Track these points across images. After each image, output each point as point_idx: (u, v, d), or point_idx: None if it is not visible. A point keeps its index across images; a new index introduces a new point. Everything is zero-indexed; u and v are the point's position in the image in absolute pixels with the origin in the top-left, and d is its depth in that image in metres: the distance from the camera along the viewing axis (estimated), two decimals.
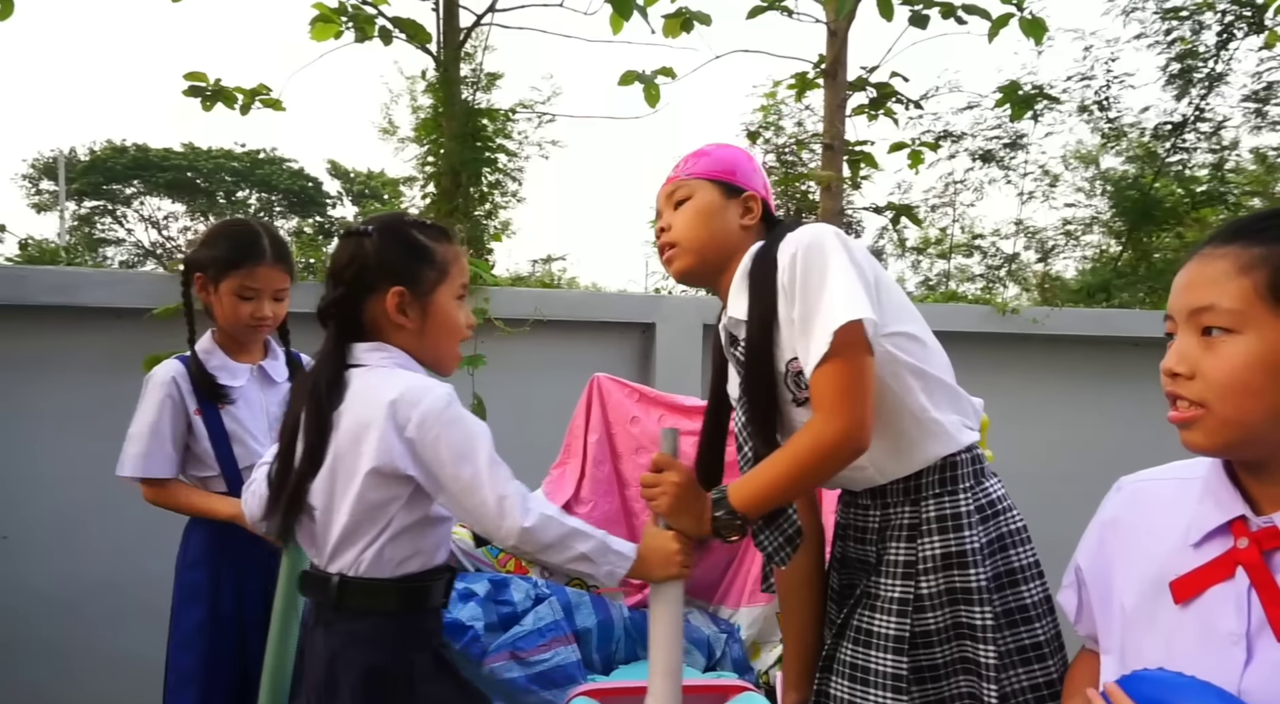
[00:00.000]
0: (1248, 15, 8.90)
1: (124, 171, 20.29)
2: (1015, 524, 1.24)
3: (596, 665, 1.82)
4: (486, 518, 1.17)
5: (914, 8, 3.80)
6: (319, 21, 3.82)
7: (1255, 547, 0.84)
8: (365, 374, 1.22)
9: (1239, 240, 0.84)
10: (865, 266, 1.17)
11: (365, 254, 1.25)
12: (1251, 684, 0.81)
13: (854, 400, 1.11)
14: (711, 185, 1.33)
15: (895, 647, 1.18)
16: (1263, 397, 0.81)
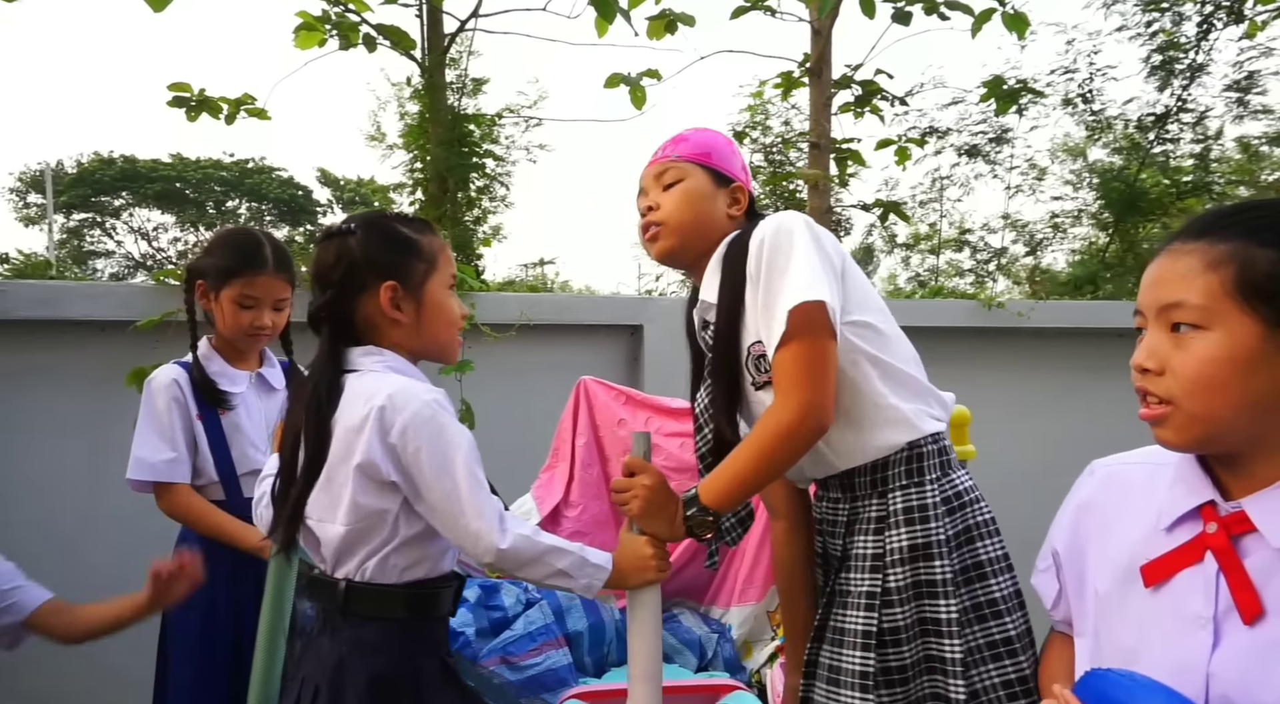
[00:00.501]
0: (1227, 5, 8.96)
1: (112, 183, 20.22)
2: (983, 516, 1.23)
3: (589, 668, 1.82)
4: (463, 535, 1.16)
5: (896, 5, 3.82)
6: (303, 30, 3.81)
7: (1224, 531, 0.85)
8: (357, 379, 1.21)
9: (1206, 236, 0.84)
10: (832, 254, 1.18)
11: (351, 253, 1.23)
12: (1219, 667, 0.82)
13: (813, 380, 1.12)
14: (703, 171, 1.34)
15: (864, 643, 1.17)
16: (1229, 392, 0.82)
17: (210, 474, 1.75)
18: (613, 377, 2.56)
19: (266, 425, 1.81)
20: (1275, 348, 0.80)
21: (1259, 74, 10.04)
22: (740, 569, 2.02)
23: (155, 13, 2.85)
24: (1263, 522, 0.82)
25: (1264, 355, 0.80)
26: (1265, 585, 0.81)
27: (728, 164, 1.36)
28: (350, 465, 1.16)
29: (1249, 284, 0.81)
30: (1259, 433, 0.83)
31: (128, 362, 2.39)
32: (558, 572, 1.19)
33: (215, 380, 1.75)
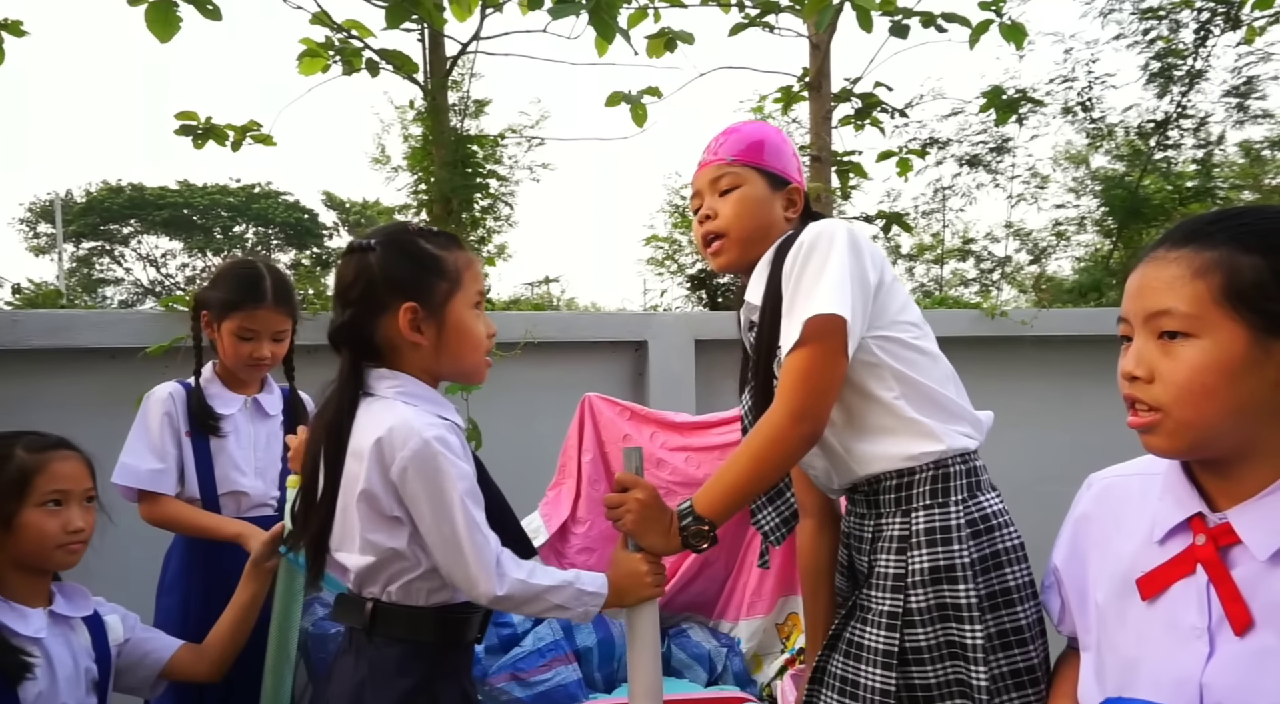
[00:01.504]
0: (1224, 12, 9.00)
1: (120, 211, 20.42)
2: (1010, 542, 1.19)
3: (599, 684, 1.82)
4: (460, 579, 1.14)
5: (894, 18, 3.85)
6: (307, 56, 3.87)
7: (1211, 543, 0.85)
8: (368, 406, 1.17)
9: (1192, 243, 0.84)
10: (868, 268, 1.17)
11: (371, 270, 1.18)
12: (1213, 677, 0.82)
13: (810, 389, 1.12)
14: (759, 176, 1.31)
15: (884, 662, 1.16)
16: (1218, 398, 0.82)
17: (192, 491, 1.79)
18: (617, 393, 2.57)
19: (255, 450, 1.85)
20: (1262, 354, 0.81)
21: (1258, 79, 10.06)
22: (748, 583, 2.02)
23: (162, 43, 2.90)
24: (1247, 533, 0.83)
25: (1251, 362, 0.81)
26: (1253, 595, 0.81)
27: (784, 165, 1.33)
28: (354, 496, 1.14)
29: (1236, 291, 0.81)
30: (1245, 440, 0.84)
31: (138, 387, 2.39)
32: (554, 606, 1.19)
33: (210, 403, 1.80)
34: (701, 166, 1.35)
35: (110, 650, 1.38)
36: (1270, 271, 0.80)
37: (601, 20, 3.20)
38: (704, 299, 12.72)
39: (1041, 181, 12.19)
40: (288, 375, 1.95)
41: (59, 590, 1.34)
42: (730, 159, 1.32)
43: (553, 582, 1.18)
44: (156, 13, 2.81)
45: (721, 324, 3.22)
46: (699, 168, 1.36)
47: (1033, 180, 12.08)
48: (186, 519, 1.76)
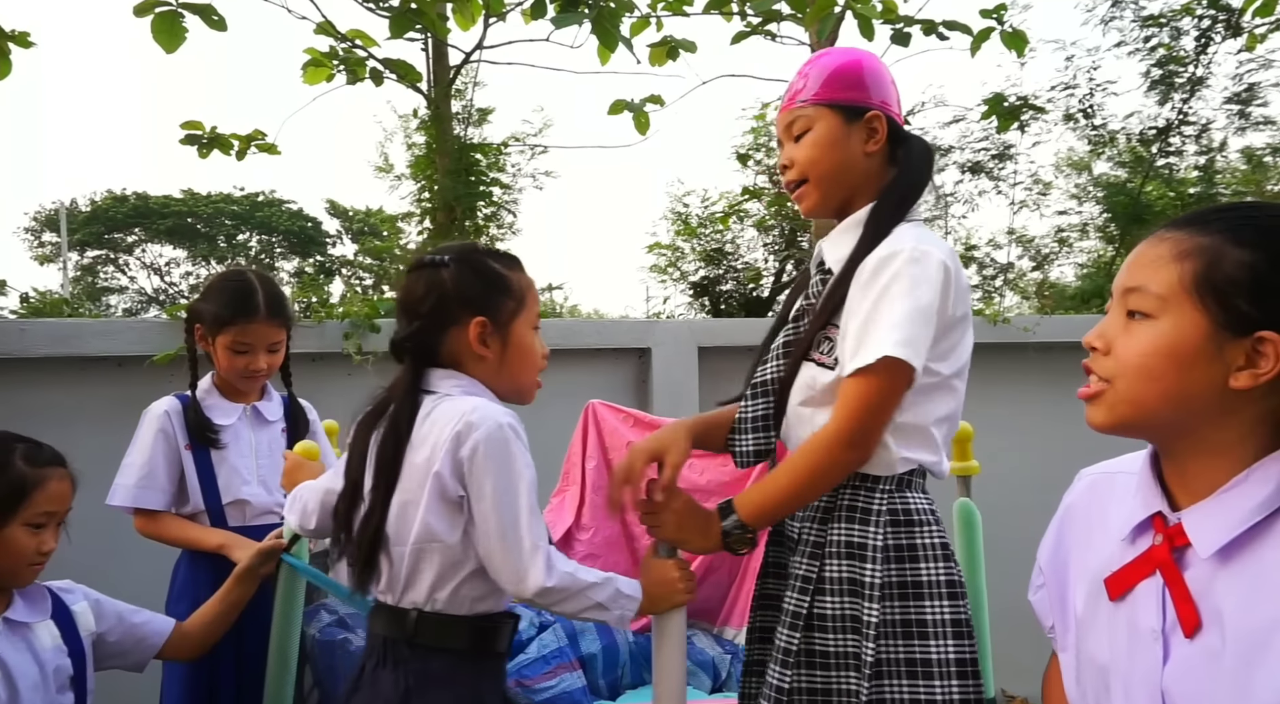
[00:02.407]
0: (1224, 19, 9.02)
1: (125, 220, 20.52)
2: (931, 539, 1.20)
3: (603, 691, 1.82)
4: (509, 566, 1.14)
5: (895, 26, 3.87)
6: (311, 66, 3.90)
7: (1167, 543, 0.83)
8: (438, 401, 1.21)
9: (1190, 226, 0.83)
10: (949, 308, 1.17)
11: (443, 285, 1.23)
12: (1169, 682, 0.80)
13: (867, 422, 1.14)
14: (830, 112, 1.25)
15: (791, 623, 1.20)
16: (1161, 382, 0.81)
17: (197, 503, 1.80)
18: (621, 400, 2.58)
19: (257, 458, 1.86)
20: (1215, 351, 0.79)
21: (1259, 86, 10.08)
22: (752, 590, 2.02)
23: (167, 53, 2.93)
24: (1195, 534, 0.81)
25: (1205, 354, 0.79)
26: (1203, 597, 0.80)
27: (860, 93, 1.26)
28: (426, 483, 1.16)
29: (1209, 282, 0.79)
30: (1191, 432, 0.82)
31: (145, 396, 2.40)
32: (595, 605, 1.18)
33: (209, 415, 1.82)
34: (780, 112, 1.32)
35: (83, 642, 1.35)
36: (1250, 269, 0.78)
37: (604, 29, 3.23)
38: (706, 307, 12.73)
39: (1044, 188, 12.20)
40: (285, 382, 1.97)
41: (17, 595, 1.30)
42: (801, 102, 1.27)
43: (595, 579, 1.19)
44: (162, 23, 2.84)
45: (724, 331, 3.22)
46: (779, 113, 1.33)
47: (1035, 187, 12.09)
48: (175, 533, 1.79)
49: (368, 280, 20.73)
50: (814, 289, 1.33)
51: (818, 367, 1.24)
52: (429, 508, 1.16)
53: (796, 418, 1.27)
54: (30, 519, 1.28)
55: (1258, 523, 0.78)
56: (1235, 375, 0.79)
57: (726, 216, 10.97)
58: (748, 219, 11.49)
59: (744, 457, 1.32)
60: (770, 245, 12.58)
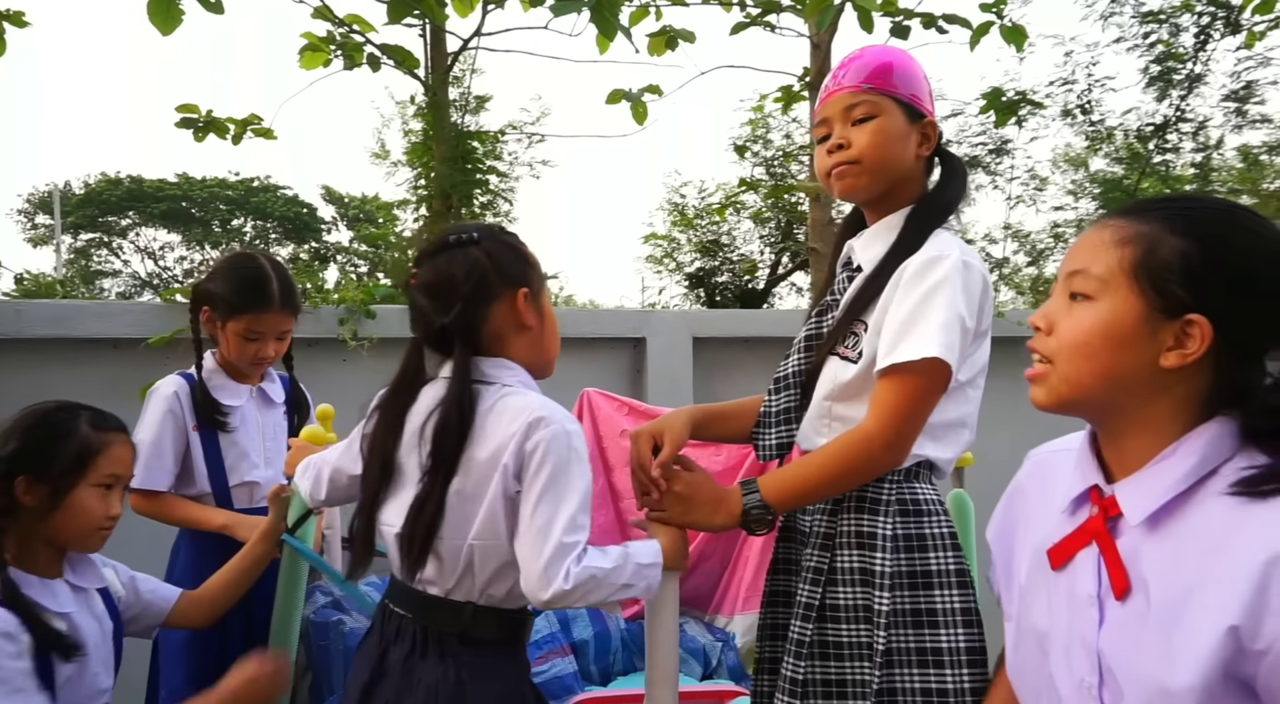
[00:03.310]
0: (1224, 16, 9.02)
1: (119, 203, 20.40)
2: (938, 528, 1.22)
3: (594, 677, 1.83)
4: (532, 568, 1.12)
5: (895, 19, 3.86)
6: (308, 50, 3.88)
7: (1102, 514, 0.88)
8: (499, 394, 1.19)
9: (1130, 216, 0.88)
10: (981, 322, 1.19)
11: (482, 262, 1.21)
12: (1105, 644, 0.85)
13: (906, 424, 1.15)
14: (896, 107, 1.25)
15: (804, 615, 1.21)
16: (1098, 360, 0.85)
17: (203, 485, 1.79)
18: (616, 389, 2.58)
19: (264, 439, 1.86)
20: (1149, 332, 0.83)
21: (1257, 83, 10.10)
22: (744, 578, 2.04)
23: (163, 35, 2.91)
24: (1125, 503, 0.86)
25: (1138, 335, 0.84)
26: (1133, 562, 0.85)
27: (920, 94, 1.27)
28: (493, 479, 1.15)
29: (1145, 267, 0.84)
30: (1127, 411, 0.87)
31: (139, 378, 2.41)
32: (620, 587, 1.16)
33: (216, 396, 1.81)
34: (831, 93, 1.29)
35: (117, 609, 1.39)
36: (1183, 257, 0.82)
37: (603, 18, 3.22)
38: (702, 297, 12.75)
39: (1040, 184, 12.23)
40: (287, 365, 1.97)
41: (68, 562, 1.34)
42: (866, 86, 1.25)
43: (613, 563, 1.16)
44: (158, 4, 2.82)
45: (719, 322, 3.23)
46: (827, 94, 1.29)
47: (1032, 182, 12.13)
48: (178, 513, 1.78)
49: (363, 267, 20.69)
50: (839, 286, 1.34)
51: (841, 361, 1.25)
52: (492, 505, 1.15)
53: (818, 411, 1.28)
54: (97, 481, 1.31)
55: (1182, 493, 0.83)
56: (1165, 355, 0.83)
57: (723, 208, 10.98)
58: (744, 211, 11.50)
59: (767, 450, 1.33)
60: (766, 237, 12.59)
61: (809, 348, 1.31)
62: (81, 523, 1.29)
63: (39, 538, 1.28)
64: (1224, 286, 0.82)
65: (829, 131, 1.29)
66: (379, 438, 1.24)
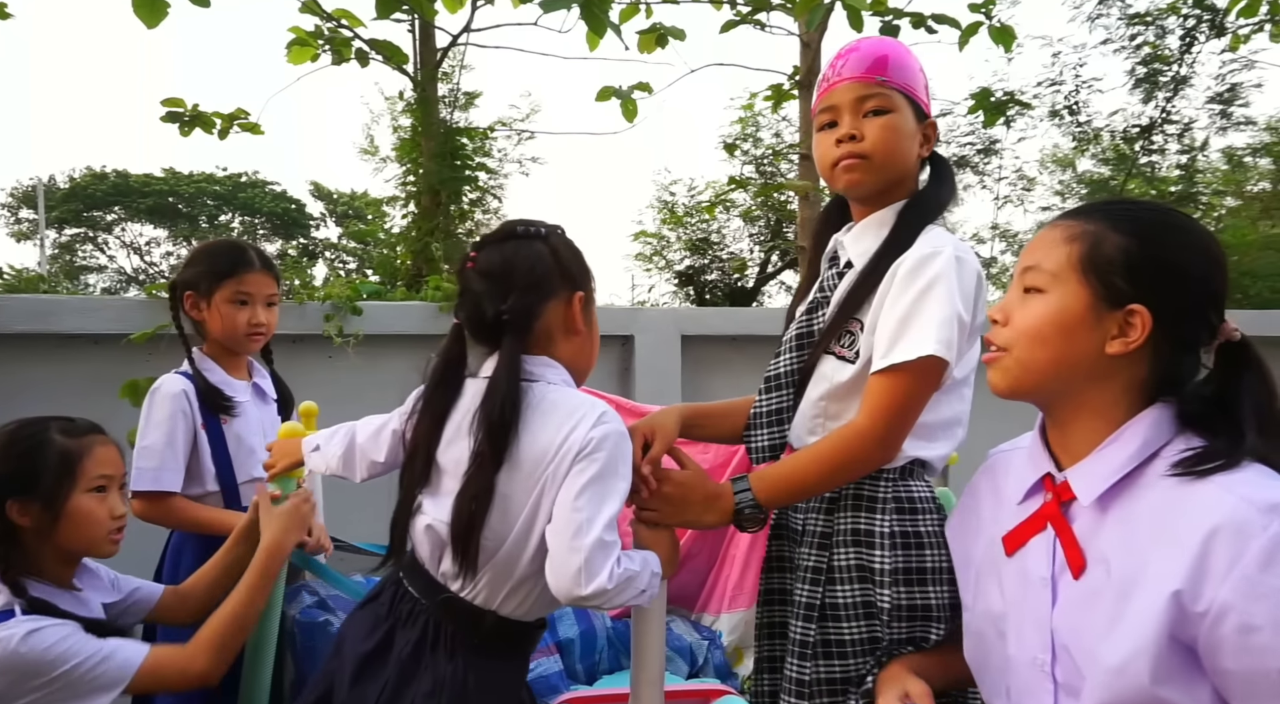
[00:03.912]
0: (1209, 19, 9.09)
1: (104, 198, 20.22)
2: (931, 526, 1.22)
3: (580, 676, 1.83)
4: (572, 565, 1.07)
5: (884, 18, 3.87)
6: (296, 45, 3.85)
7: (1055, 499, 0.95)
8: (546, 390, 1.16)
9: (1078, 216, 0.96)
10: (976, 317, 1.19)
11: (546, 258, 1.19)
12: (1058, 622, 0.92)
13: (899, 421, 1.15)
14: (908, 104, 1.25)
15: (805, 615, 1.21)
16: (1050, 347, 0.93)
17: (210, 484, 1.76)
18: (604, 386, 2.58)
19: (265, 435, 1.83)
20: (1095, 321, 0.91)
21: (1241, 86, 10.20)
22: (730, 576, 2.04)
23: (149, 29, 2.88)
24: (1077, 486, 0.93)
25: (1086, 323, 0.91)
26: (1088, 542, 0.91)
27: (925, 97, 1.28)
28: (541, 477, 1.12)
29: (1091, 260, 0.92)
30: (1075, 396, 0.94)
31: (122, 374, 2.40)
32: (639, 593, 1.13)
33: (219, 387, 1.77)
34: (842, 80, 1.25)
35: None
36: (1124, 251, 0.91)
37: (593, 15, 3.20)
38: (691, 295, 12.75)
39: (1028, 184, 12.31)
40: (267, 359, 1.95)
41: (75, 576, 1.33)
42: (880, 78, 1.24)
43: (638, 567, 1.13)
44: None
45: (708, 320, 3.23)
46: (837, 81, 1.26)
47: (1019, 182, 12.19)
48: (189, 515, 1.71)
49: (351, 264, 20.58)
50: (829, 282, 1.32)
51: (838, 360, 1.24)
52: (535, 506, 1.12)
53: (812, 410, 1.27)
54: (89, 486, 1.30)
55: (1130, 473, 0.90)
56: (1110, 342, 0.91)
57: (713, 206, 10.99)
58: (734, 209, 11.50)
59: (759, 452, 1.32)
60: (756, 235, 12.61)
61: (800, 347, 1.30)
62: (87, 531, 1.28)
63: (49, 556, 1.28)
64: (1160, 278, 0.90)
65: (834, 119, 1.26)
66: (422, 433, 1.20)
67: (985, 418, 2.39)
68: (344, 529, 1.96)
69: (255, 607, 1.39)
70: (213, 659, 1.30)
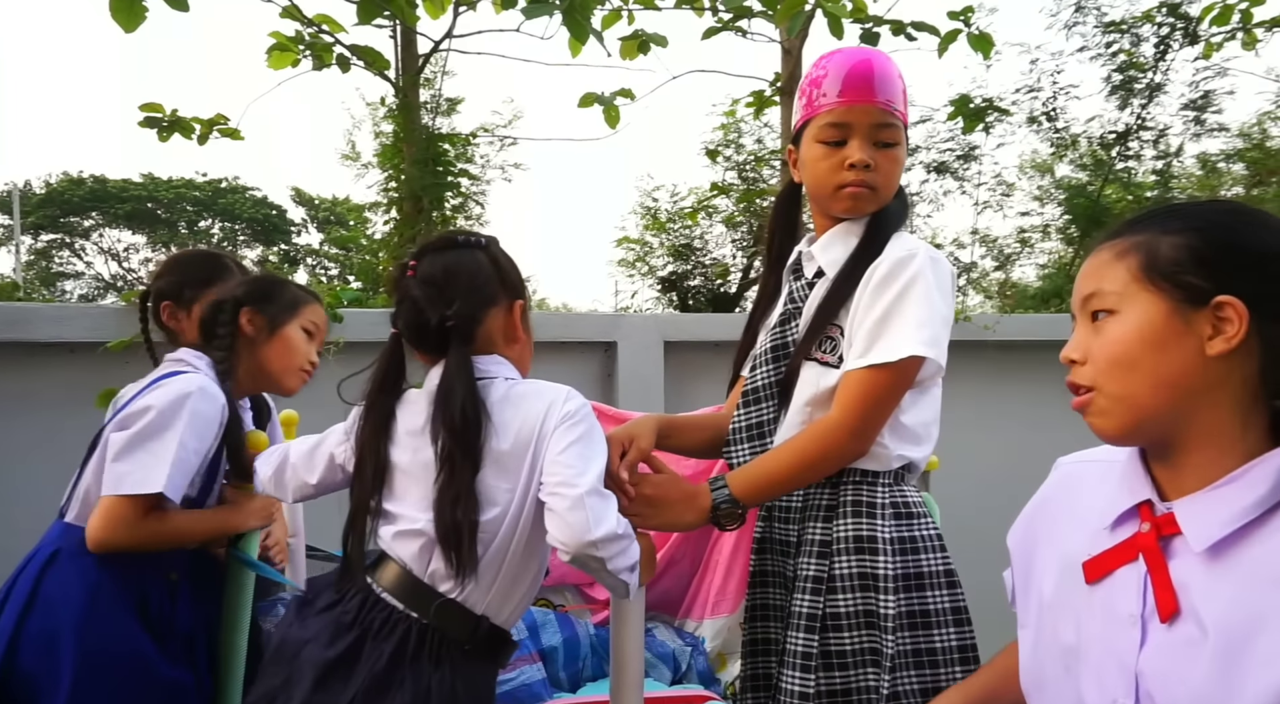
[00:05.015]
0: (1182, 27, 9.24)
1: (81, 204, 19.98)
2: (928, 531, 1.24)
3: (564, 684, 1.82)
4: (580, 512, 1.07)
5: (865, 25, 3.90)
6: (276, 50, 3.82)
7: (1154, 531, 0.85)
8: (509, 385, 1.19)
9: (1121, 233, 0.89)
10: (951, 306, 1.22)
11: (487, 266, 1.23)
12: (1145, 666, 0.83)
13: (874, 416, 1.17)
14: (904, 135, 1.30)
15: (806, 625, 1.21)
16: (1141, 370, 0.83)
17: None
18: (586, 393, 2.55)
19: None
20: (1183, 324, 0.82)
21: (1214, 93, 10.36)
22: (713, 582, 2.04)
23: (126, 33, 2.85)
24: (1188, 525, 0.83)
25: (1172, 333, 0.82)
26: (1185, 586, 0.82)
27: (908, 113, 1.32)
28: (523, 469, 1.14)
29: (1153, 266, 0.84)
30: (1185, 421, 0.84)
31: (97, 383, 2.36)
32: (630, 568, 1.13)
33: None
34: (863, 102, 1.24)
35: None
36: (1187, 248, 0.83)
37: (575, 21, 3.21)
38: (674, 301, 12.76)
39: (1007, 189, 12.42)
40: None
41: None
42: (896, 108, 1.26)
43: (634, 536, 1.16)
44: (121, 1, 2.76)
45: (691, 326, 3.23)
46: (847, 99, 1.24)
47: (999, 188, 12.30)
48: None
49: (333, 270, 20.46)
50: (798, 293, 1.33)
51: (821, 366, 1.25)
52: (523, 497, 1.14)
53: (799, 417, 1.27)
54: (303, 325, 1.62)
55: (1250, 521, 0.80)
56: (1209, 343, 0.81)
57: (695, 212, 11.01)
58: (716, 215, 11.53)
59: (740, 466, 1.31)
60: (739, 242, 12.64)
61: (777, 358, 1.30)
62: (288, 358, 1.59)
63: (247, 369, 1.57)
64: (1235, 263, 0.81)
65: (844, 138, 1.24)
66: (367, 440, 1.20)
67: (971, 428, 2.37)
68: (321, 537, 1.94)
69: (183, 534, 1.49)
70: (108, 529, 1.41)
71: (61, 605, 1.41)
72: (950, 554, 1.28)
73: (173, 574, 1.51)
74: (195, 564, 1.57)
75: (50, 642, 1.38)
